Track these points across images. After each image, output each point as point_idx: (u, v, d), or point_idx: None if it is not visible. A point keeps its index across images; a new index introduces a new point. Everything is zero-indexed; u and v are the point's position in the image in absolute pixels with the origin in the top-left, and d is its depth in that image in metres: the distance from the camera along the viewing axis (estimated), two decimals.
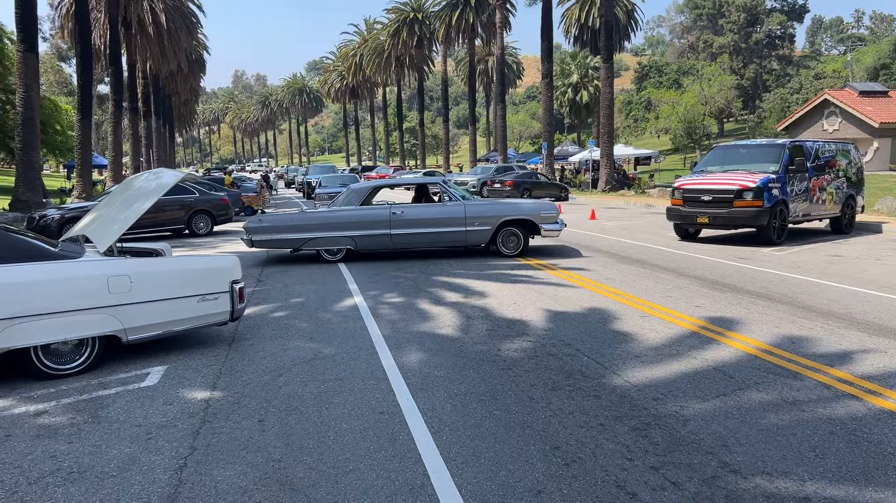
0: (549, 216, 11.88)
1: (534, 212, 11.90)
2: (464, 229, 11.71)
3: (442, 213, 11.75)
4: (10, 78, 34.77)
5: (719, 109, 66.40)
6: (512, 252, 11.96)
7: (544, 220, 11.83)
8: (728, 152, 15.02)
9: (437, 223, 11.69)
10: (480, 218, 11.74)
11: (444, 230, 11.71)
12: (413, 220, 11.64)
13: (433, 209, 11.93)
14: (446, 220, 11.70)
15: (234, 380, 5.38)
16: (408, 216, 11.65)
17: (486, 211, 11.91)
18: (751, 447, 3.85)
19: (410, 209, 11.85)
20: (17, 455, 4.04)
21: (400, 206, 11.84)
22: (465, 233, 11.74)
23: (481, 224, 11.74)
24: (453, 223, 11.69)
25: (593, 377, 5.16)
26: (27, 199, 22.53)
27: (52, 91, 77.63)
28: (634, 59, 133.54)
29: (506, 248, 11.98)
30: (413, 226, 11.63)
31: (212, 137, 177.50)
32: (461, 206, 11.78)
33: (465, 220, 11.69)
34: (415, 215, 11.71)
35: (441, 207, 11.90)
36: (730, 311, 7.29)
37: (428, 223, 11.67)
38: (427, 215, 11.76)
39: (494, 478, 3.56)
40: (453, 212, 11.73)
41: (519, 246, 11.97)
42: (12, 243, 5.53)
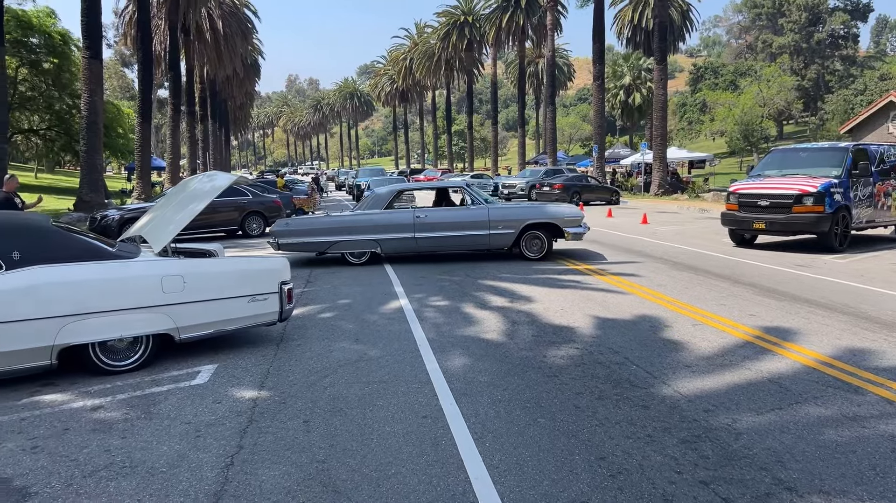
0: (572, 219, 11.87)
1: (557, 215, 11.90)
2: (487, 232, 11.74)
3: (466, 217, 11.80)
4: (76, 83, 36.28)
5: (778, 111, 64.46)
6: (536, 255, 11.97)
7: (568, 224, 11.82)
8: (787, 156, 14.53)
9: (460, 226, 11.73)
10: (504, 221, 11.77)
11: (468, 233, 11.75)
12: (437, 223, 11.70)
13: (457, 212, 11.98)
14: (470, 223, 11.74)
15: (281, 380, 5.45)
16: (432, 219, 11.71)
17: (510, 214, 11.94)
18: (807, 464, 3.69)
19: (435, 212, 11.92)
20: (73, 448, 4.17)
21: (424, 210, 11.93)
22: (489, 236, 11.78)
23: (505, 227, 11.76)
24: (477, 226, 11.73)
25: (642, 386, 5.04)
26: (90, 200, 23.40)
27: (115, 96, 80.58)
28: (689, 61, 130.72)
29: (529, 252, 11.99)
30: (437, 229, 11.67)
31: (265, 140, 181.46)
32: (485, 210, 11.79)
33: (488, 224, 11.71)
34: (439, 218, 11.77)
35: (465, 211, 11.91)
36: (787, 321, 7.04)
37: (452, 226, 11.72)
38: (451, 219, 11.82)
39: (538, 487, 3.50)
40: (477, 215, 11.76)
41: (543, 249, 11.99)
42: (73, 243, 5.74)
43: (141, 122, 30.71)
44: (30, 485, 3.70)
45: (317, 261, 12.52)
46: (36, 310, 5.28)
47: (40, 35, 35.62)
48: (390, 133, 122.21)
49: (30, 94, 37.35)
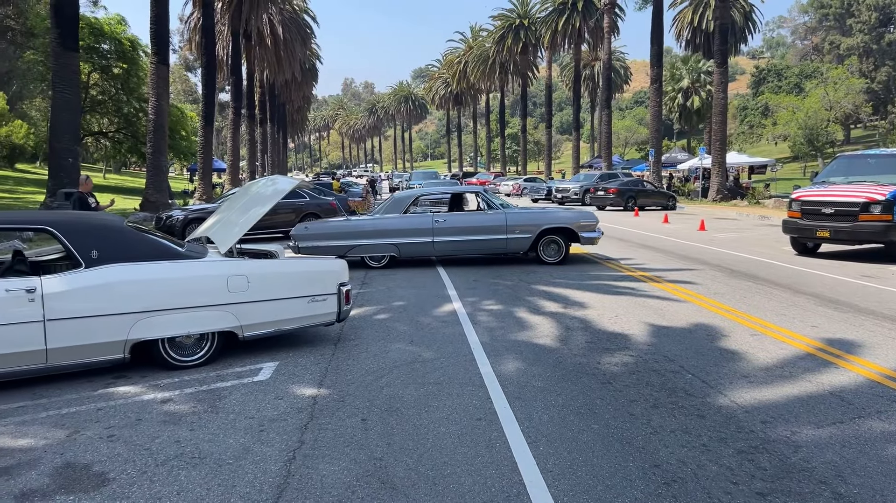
0: (588, 224, 12.13)
1: (573, 220, 12.12)
2: (505, 237, 11.89)
3: (483, 222, 11.97)
4: (143, 87, 37.77)
5: (846, 115, 62.03)
6: (553, 259, 12.14)
7: (583, 229, 12.07)
8: (854, 162, 14.05)
9: (478, 231, 11.89)
10: (521, 226, 11.93)
11: (486, 238, 11.90)
12: (455, 227, 11.84)
13: (475, 217, 12.13)
14: (487, 227, 11.91)
15: (339, 378, 5.62)
16: (450, 224, 11.85)
17: (527, 219, 12.09)
18: (868, 479, 3.62)
19: (453, 217, 12.06)
20: (146, 438, 4.41)
21: (443, 215, 12.07)
22: (506, 240, 11.93)
23: (522, 232, 11.92)
24: (494, 231, 11.89)
25: (698, 396, 5.01)
26: (155, 201, 24.33)
27: (179, 99, 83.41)
28: (751, 63, 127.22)
29: (547, 256, 12.17)
30: (455, 233, 11.81)
31: (321, 143, 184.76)
32: (502, 215, 11.95)
33: (506, 229, 11.87)
34: (457, 223, 11.91)
35: (482, 216, 12.06)
36: (850, 333, 6.85)
37: (470, 231, 11.87)
38: (469, 223, 11.98)
39: (591, 492, 3.54)
40: (494, 220, 11.93)
41: (560, 253, 12.17)
42: (146, 243, 6.04)
43: (204, 125, 31.79)
44: (107, 471, 3.94)
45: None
46: (112, 306, 5.58)
47: (111, 41, 37.23)
48: (443, 136, 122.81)
49: (100, 98, 39.07)
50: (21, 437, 4.46)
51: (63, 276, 5.52)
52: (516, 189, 43.24)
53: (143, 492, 3.64)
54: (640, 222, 21.79)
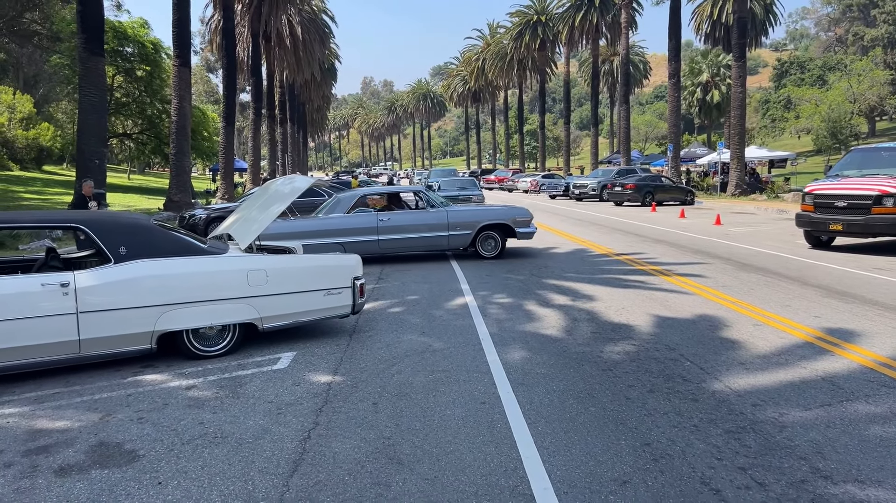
0: (523, 220, 12.79)
1: (508, 216, 12.79)
2: (447, 234, 12.41)
3: (426, 220, 12.44)
4: (165, 89, 38.48)
5: (870, 107, 61.18)
6: (490, 254, 12.71)
7: (518, 225, 12.74)
8: (868, 156, 14.06)
9: (421, 229, 12.36)
10: (461, 223, 12.49)
11: (429, 235, 12.39)
12: (399, 226, 12.24)
13: (417, 216, 12.54)
14: (430, 225, 12.41)
15: (353, 366, 5.93)
16: (394, 223, 12.22)
17: (467, 217, 12.65)
18: (847, 456, 3.84)
19: (397, 216, 12.41)
20: (172, 420, 4.75)
21: (386, 213, 12.38)
22: (448, 237, 12.44)
23: (462, 229, 12.48)
24: (437, 228, 12.40)
25: (693, 381, 5.23)
26: (178, 200, 24.89)
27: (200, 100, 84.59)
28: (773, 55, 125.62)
29: (485, 251, 12.72)
30: (399, 231, 12.19)
31: (341, 142, 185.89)
32: (444, 213, 12.45)
33: (447, 226, 12.39)
34: (401, 222, 12.31)
35: (425, 214, 12.50)
36: (851, 323, 7.00)
37: (413, 229, 12.31)
38: (412, 221, 12.40)
39: (583, 466, 3.80)
40: (437, 218, 12.44)
41: (497, 248, 12.80)
42: (171, 240, 6.38)
43: (225, 125, 32.36)
44: (138, 449, 4.27)
45: (388, 259, 13.07)
46: (139, 299, 5.94)
47: (134, 44, 37.99)
48: (462, 133, 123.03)
49: (124, 101, 39.87)
50: (58, 420, 4.81)
51: (94, 271, 5.88)
52: (534, 185, 43.35)
53: (171, 467, 3.96)
54: (657, 217, 21.87)
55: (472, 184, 26.62)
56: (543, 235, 17.06)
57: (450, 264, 12.19)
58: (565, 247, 14.49)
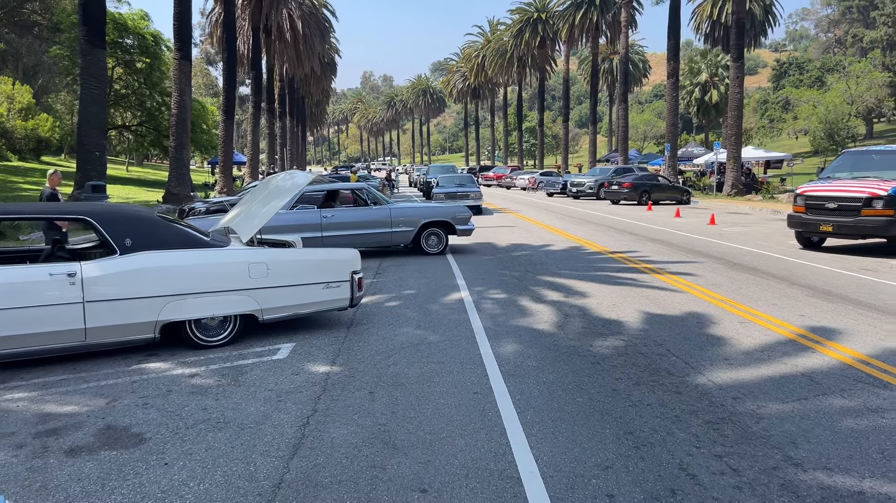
0: (463, 218, 13.25)
1: (449, 214, 13.16)
2: (390, 230, 12.64)
3: (370, 217, 12.60)
4: (165, 82, 38.57)
5: (868, 109, 61.46)
6: (434, 250, 13.06)
7: (458, 222, 13.18)
8: (858, 158, 14.28)
9: (365, 225, 12.50)
10: (404, 220, 12.74)
11: (372, 232, 12.53)
12: (343, 223, 12.30)
13: (361, 213, 12.65)
14: (374, 222, 12.58)
15: (350, 357, 6.12)
16: (338, 219, 12.29)
17: (409, 214, 12.91)
18: (818, 446, 4.05)
19: (340, 213, 12.48)
20: (176, 406, 4.94)
21: (330, 210, 12.40)
22: (391, 234, 12.67)
23: (405, 225, 12.75)
24: (380, 225, 12.61)
25: (678, 375, 5.44)
26: (177, 193, 25.04)
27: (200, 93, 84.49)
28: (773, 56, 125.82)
29: (429, 247, 13.04)
30: (343, 228, 12.23)
31: (340, 136, 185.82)
32: (387, 210, 12.67)
33: (391, 223, 12.60)
34: (344, 218, 12.40)
35: (369, 211, 12.65)
36: (835, 322, 7.22)
37: (357, 226, 12.42)
38: (356, 218, 12.53)
39: (569, 452, 4.01)
40: (380, 215, 12.65)
41: (440, 244, 13.11)
42: (175, 232, 6.57)
43: (225, 119, 32.49)
44: (144, 432, 4.46)
45: (386, 253, 13.26)
46: (144, 289, 6.12)
47: (134, 36, 38.06)
48: (461, 129, 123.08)
49: (123, 92, 39.95)
50: (66, 405, 5.00)
51: (100, 262, 6.07)
52: (532, 183, 43.55)
53: (177, 449, 4.16)
54: (653, 216, 22.08)
55: (469, 180, 26.80)
56: (540, 232, 17.26)
57: (447, 259, 12.39)
58: (561, 244, 14.69)
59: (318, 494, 3.56)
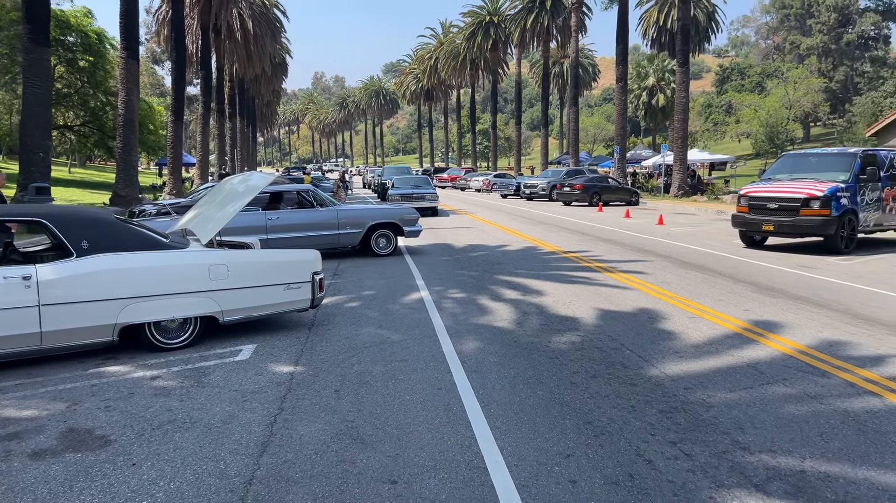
0: (410, 219, 13.34)
1: (396, 215, 13.26)
2: (337, 232, 12.66)
3: (316, 218, 12.56)
4: (110, 81, 37.55)
5: (805, 114, 64.04)
6: (384, 251, 13.15)
7: (406, 223, 13.24)
8: (797, 160, 14.97)
9: (311, 227, 12.40)
10: (351, 222, 12.81)
11: (318, 234, 12.39)
12: (288, 225, 12.22)
13: (307, 214, 12.58)
14: (320, 224, 12.53)
15: (313, 357, 6.18)
16: (283, 221, 12.21)
17: (356, 215, 12.99)
18: (763, 430, 4.31)
19: (286, 215, 12.41)
20: (140, 408, 4.92)
21: (275, 212, 12.30)
22: (339, 236, 12.70)
23: (352, 227, 12.80)
24: (327, 227, 12.58)
25: (633, 368, 5.68)
26: (125, 195, 24.44)
27: (146, 92, 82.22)
28: (716, 61, 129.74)
29: (379, 249, 13.19)
30: (288, 230, 12.13)
31: (291, 137, 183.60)
32: (334, 212, 12.70)
33: (337, 224, 12.63)
34: (290, 220, 12.32)
35: (315, 213, 12.61)
36: (777, 316, 7.60)
37: (303, 227, 12.32)
38: (302, 220, 12.44)
39: (531, 442, 4.17)
40: (327, 217, 12.63)
41: (389, 245, 13.26)
42: (133, 234, 6.50)
43: (174, 119, 31.81)
44: (108, 434, 4.44)
45: (344, 255, 13.28)
46: (102, 292, 6.05)
47: (77, 34, 36.92)
48: (415, 131, 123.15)
49: (66, 92, 38.67)
50: (24, 409, 4.93)
51: (56, 265, 5.97)
52: (486, 184, 43.96)
53: (144, 450, 4.16)
54: (603, 217, 22.61)
55: (425, 182, 26.93)
56: (495, 233, 17.51)
57: (405, 260, 12.49)
58: (516, 244, 14.95)
59: (290, 489, 3.63)
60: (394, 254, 13.21)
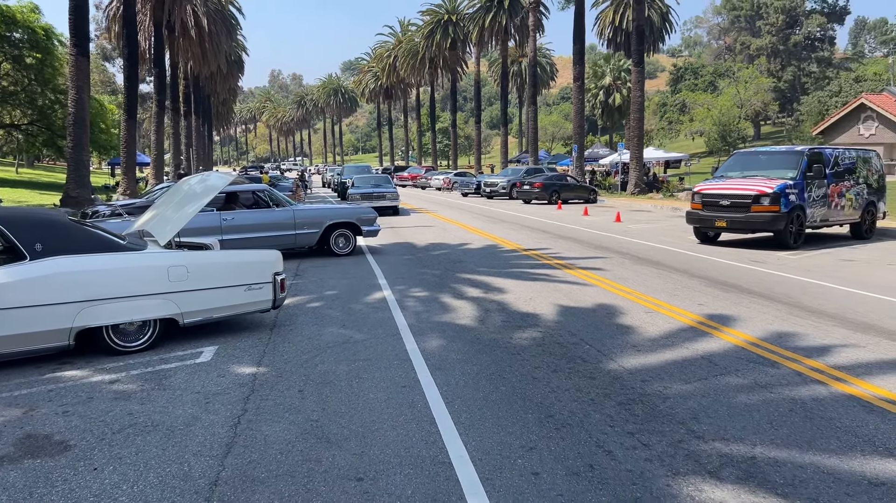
0: (368, 219, 13.28)
1: (354, 215, 13.22)
2: (293, 233, 12.55)
3: (272, 219, 12.42)
4: (59, 78, 36.47)
5: (755, 112, 65.90)
6: (343, 251, 13.07)
7: (364, 223, 13.18)
8: (748, 158, 15.44)
9: (267, 228, 12.25)
10: (308, 222, 12.72)
11: (275, 234, 12.21)
12: (244, 225, 12.02)
13: (263, 215, 12.43)
14: (276, 224, 12.39)
15: (276, 358, 6.16)
16: (238, 222, 12.01)
17: (313, 215, 12.94)
18: (717, 419, 4.48)
19: (241, 215, 12.21)
20: (100, 412, 4.85)
21: (231, 213, 12.09)
22: (295, 236, 12.59)
23: (309, 227, 12.70)
24: (283, 227, 12.43)
25: (592, 362, 5.82)
26: (77, 196, 23.78)
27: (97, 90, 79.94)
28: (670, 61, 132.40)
29: (338, 249, 13.09)
30: (244, 231, 11.92)
31: (248, 136, 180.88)
32: (290, 212, 12.61)
33: (294, 225, 12.53)
34: (245, 221, 12.12)
35: (271, 213, 12.48)
36: (729, 309, 7.86)
37: (258, 228, 12.15)
38: (257, 221, 12.27)
39: (495, 436, 4.26)
40: (283, 217, 12.50)
41: (349, 244, 13.17)
42: (88, 236, 6.39)
43: (127, 118, 31.05)
44: (68, 439, 4.37)
45: (304, 255, 13.20)
46: (56, 296, 5.92)
47: (24, 30, 35.76)
48: (374, 130, 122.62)
49: (12, 89, 37.43)
50: None
51: (8, 268, 5.82)
52: (447, 183, 44.05)
53: (105, 454, 4.11)
54: (562, 215, 22.92)
55: (386, 181, 26.89)
56: (457, 232, 17.61)
57: (366, 260, 12.49)
58: (478, 243, 15.07)
59: (255, 488, 3.64)
60: (355, 254, 13.19)
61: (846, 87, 65.60)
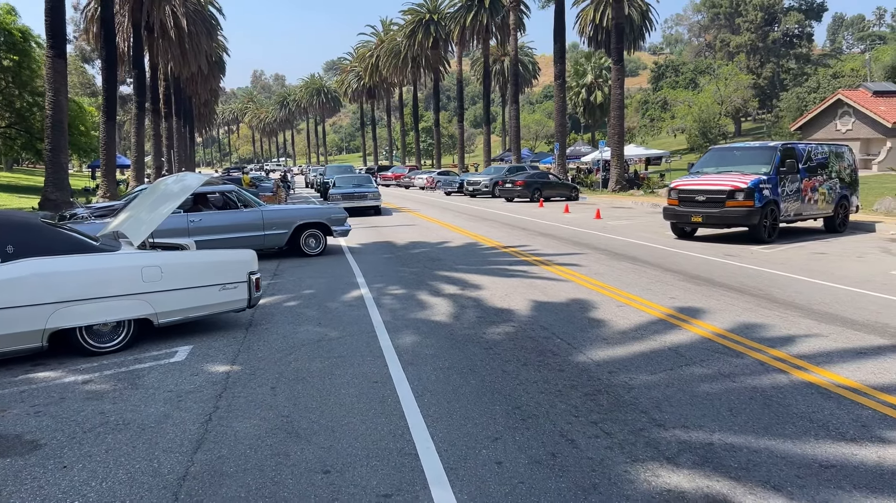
0: (338, 219, 13.26)
1: (324, 215, 13.19)
2: (262, 233, 12.48)
3: (240, 220, 12.38)
4: (36, 81, 36.10)
5: (736, 109, 66.49)
6: (314, 251, 13.11)
7: (334, 223, 13.18)
8: (723, 154, 15.65)
9: (235, 229, 12.19)
10: (277, 222, 12.68)
11: (243, 235, 12.14)
12: (212, 227, 11.97)
13: (231, 216, 12.39)
14: (245, 225, 12.34)
15: (250, 356, 6.20)
16: (206, 223, 11.95)
17: (282, 216, 12.91)
18: (679, 408, 4.60)
19: (209, 216, 12.17)
20: (71, 412, 4.88)
21: (199, 214, 12.05)
22: (264, 237, 12.51)
23: (278, 228, 12.66)
24: (252, 228, 12.38)
25: (561, 355, 5.92)
26: (56, 199, 23.57)
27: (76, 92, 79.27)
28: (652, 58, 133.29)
29: (309, 249, 13.10)
30: (212, 232, 11.84)
31: (231, 137, 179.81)
32: (258, 213, 12.56)
33: (263, 225, 12.48)
34: (213, 222, 12.07)
35: (239, 214, 12.44)
36: (700, 302, 8.00)
37: (227, 229, 12.09)
38: (226, 222, 12.21)
39: (462, 428, 4.34)
40: (251, 218, 12.47)
41: (320, 244, 13.20)
42: (62, 237, 6.40)
43: (106, 120, 30.77)
44: (38, 439, 4.40)
45: (283, 254, 13.21)
46: (29, 297, 5.93)
47: (0, 32, 35.38)
48: (358, 129, 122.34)
49: None
50: None
51: None
52: (430, 182, 44.11)
53: (75, 453, 4.15)
54: (544, 212, 23.07)
55: (367, 181, 26.89)
56: (438, 230, 17.68)
57: (346, 259, 12.53)
58: (458, 241, 15.16)
59: (223, 482, 3.70)
60: (335, 254, 13.24)
61: (824, 84, 66.39)
